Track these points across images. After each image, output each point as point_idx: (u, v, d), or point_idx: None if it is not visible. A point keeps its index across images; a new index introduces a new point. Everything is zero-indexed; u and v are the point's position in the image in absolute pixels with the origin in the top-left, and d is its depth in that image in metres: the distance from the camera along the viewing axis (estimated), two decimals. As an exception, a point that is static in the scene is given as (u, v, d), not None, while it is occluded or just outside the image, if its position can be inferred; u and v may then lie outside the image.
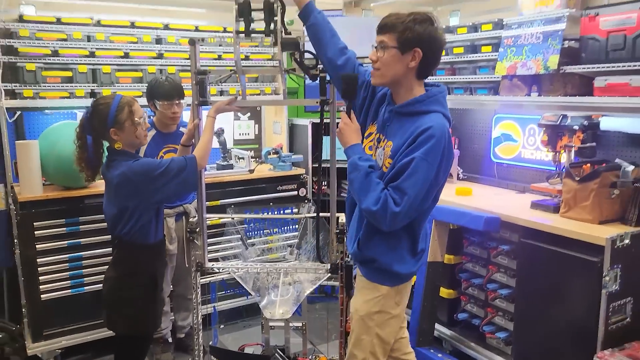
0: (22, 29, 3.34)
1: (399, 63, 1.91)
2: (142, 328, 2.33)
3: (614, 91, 2.69)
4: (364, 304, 2.08)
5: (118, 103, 2.19)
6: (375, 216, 1.88)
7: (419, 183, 1.84)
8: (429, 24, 1.89)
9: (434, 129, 1.85)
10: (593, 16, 2.79)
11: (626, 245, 2.46)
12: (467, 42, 3.46)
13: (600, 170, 2.66)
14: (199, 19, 4.00)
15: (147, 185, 2.15)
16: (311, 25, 2.18)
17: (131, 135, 2.21)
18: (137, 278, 2.27)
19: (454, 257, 3.32)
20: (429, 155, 1.84)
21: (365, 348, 2.09)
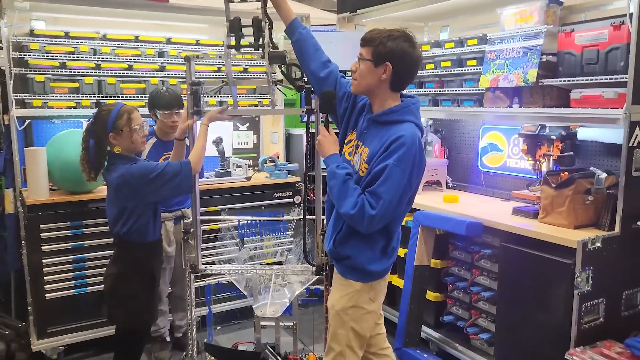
0: (33, 43, 3.54)
1: (372, 75, 2.07)
2: (141, 321, 2.49)
3: (588, 103, 2.83)
4: (339, 300, 2.22)
5: (118, 110, 2.37)
6: (354, 219, 2.03)
7: (393, 188, 2.00)
8: (403, 40, 2.05)
9: (406, 137, 2.02)
10: (569, 32, 2.95)
11: (597, 248, 2.59)
12: (454, 56, 3.62)
13: (575, 177, 2.80)
14: (200, 34, 4.20)
15: (144, 186, 2.31)
16: (296, 40, 2.34)
17: (128, 141, 2.39)
18: (136, 274, 2.44)
19: (440, 262, 3.45)
20: (401, 162, 2.00)
21: (342, 341, 2.22)
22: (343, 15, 4.28)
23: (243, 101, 4.28)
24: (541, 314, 2.74)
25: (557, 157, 3.08)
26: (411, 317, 3.39)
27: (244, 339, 3.37)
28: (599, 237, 2.60)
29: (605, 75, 2.75)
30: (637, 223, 2.65)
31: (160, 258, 2.70)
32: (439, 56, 3.73)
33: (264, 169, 4.15)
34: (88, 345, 3.51)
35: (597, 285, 2.60)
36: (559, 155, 3.07)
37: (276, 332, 3.04)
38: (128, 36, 3.86)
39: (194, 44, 4.10)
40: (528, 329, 2.82)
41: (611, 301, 2.70)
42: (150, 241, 2.47)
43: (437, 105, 3.81)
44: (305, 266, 2.69)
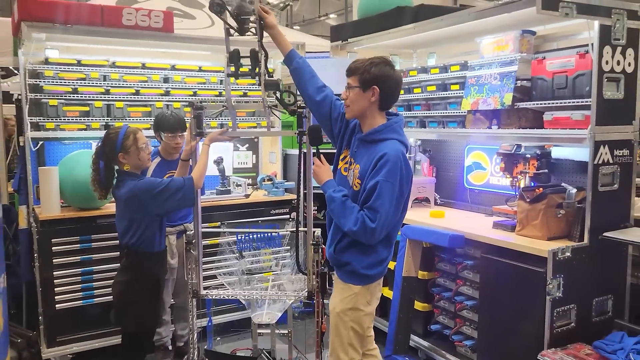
0: (47, 70, 3.82)
1: (362, 99, 2.36)
2: (147, 325, 2.71)
3: (559, 124, 3.08)
4: (340, 302, 2.47)
5: (125, 132, 2.64)
6: (357, 234, 2.30)
7: (387, 200, 2.27)
8: (384, 65, 2.35)
9: (389, 155, 2.28)
10: (541, 59, 3.21)
11: (567, 257, 2.81)
12: (439, 81, 3.89)
13: (547, 192, 3.03)
14: (202, 60, 4.48)
15: (150, 200, 2.56)
16: (294, 69, 2.62)
17: (136, 158, 2.65)
18: (142, 282, 2.66)
19: (427, 273, 3.66)
20: (389, 177, 2.27)
21: (344, 340, 2.47)
22: (336, 43, 4.57)
23: (242, 123, 4.54)
24: (518, 320, 2.95)
25: (533, 174, 3.32)
26: (400, 326, 3.59)
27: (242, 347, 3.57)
28: (569, 247, 2.82)
29: (573, 98, 3.00)
30: (604, 234, 2.87)
31: (165, 268, 2.92)
32: (425, 81, 4.00)
33: (262, 187, 4.40)
34: (95, 353, 3.70)
35: (568, 292, 2.81)
36: (535, 172, 3.31)
37: (272, 338, 3.25)
38: (135, 63, 4.14)
39: (196, 70, 4.38)
40: (506, 334, 3.02)
41: (582, 307, 2.90)
42: (156, 251, 2.70)
43: (425, 126, 4.06)
44: (298, 277, 2.91)
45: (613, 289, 3.03)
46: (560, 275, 2.78)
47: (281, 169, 4.72)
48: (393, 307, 3.61)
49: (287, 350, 3.26)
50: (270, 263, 3.35)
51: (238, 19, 2.50)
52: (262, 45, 2.49)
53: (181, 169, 2.91)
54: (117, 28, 3.78)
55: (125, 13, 3.74)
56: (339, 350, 2.49)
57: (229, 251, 3.80)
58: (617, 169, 2.95)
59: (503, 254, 3.06)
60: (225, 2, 2.43)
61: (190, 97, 4.25)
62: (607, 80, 2.85)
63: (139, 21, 3.80)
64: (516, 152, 3.31)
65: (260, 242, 3.29)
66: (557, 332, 2.81)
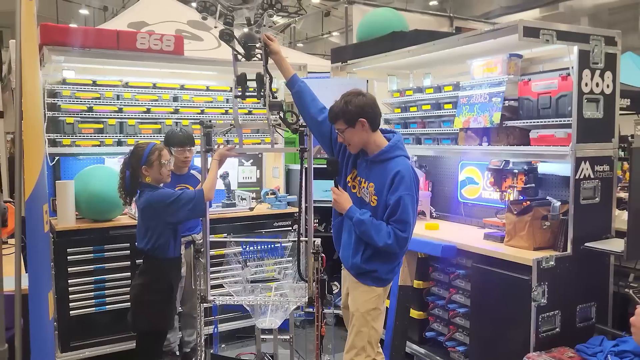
0: (65, 90, 4.07)
1: (357, 134, 2.63)
2: (160, 325, 2.92)
3: (544, 141, 3.30)
4: (364, 303, 2.71)
5: (151, 148, 2.90)
6: (392, 246, 2.58)
7: (411, 210, 2.58)
8: (355, 97, 2.62)
9: (402, 171, 2.58)
10: (527, 81, 3.44)
11: (551, 266, 3.00)
12: (433, 100, 4.11)
13: (533, 205, 3.24)
14: (210, 80, 4.72)
15: (163, 209, 2.79)
16: (296, 92, 2.88)
17: (157, 173, 2.89)
18: (157, 285, 2.88)
19: (422, 283, 3.85)
20: (408, 190, 2.57)
21: (364, 338, 2.72)
22: (336, 64, 4.82)
23: (248, 140, 4.77)
24: (506, 325, 3.13)
25: (521, 188, 3.52)
26: (397, 333, 3.77)
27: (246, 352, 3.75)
28: (553, 257, 3.02)
29: (557, 118, 3.22)
30: (585, 244, 3.06)
31: (178, 274, 3.12)
32: (421, 100, 4.23)
33: (265, 200, 4.61)
34: (106, 358, 3.88)
35: (552, 298, 3.00)
36: (523, 187, 3.52)
37: (274, 343, 3.43)
38: (147, 83, 4.39)
39: (204, 89, 4.62)
40: (496, 339, 3.21)
41: (566, 313, 3.08)
42: (170, 257, 2.92)
43: (420, 143, 4.28)
44: (300, 285, 3.11)
45: (596, 296, 3.22)
46: (544, 283, 2.97)
47: (284, 184, 4.93)
48: (390, 314, 3.78)
49: (289, 355, 3.43)
50: (274, 272, 3.55)
51: (245, 46, 2.74)
52: (267, 70, 2.72)
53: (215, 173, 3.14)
54: (131, 51, 4.03)
55: (139, 37, 4.00)
56: (360, 349, 2.71)
57: (234, 262, 4.00)
58: (598, 184, 3.15)
59: (492, 264, 3.25)
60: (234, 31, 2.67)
61: (198, 115, 4.49)
62: (587, 101, 3.07)
63: (151, 45, 4.06)
64: (504, 167, 3.51)
65: (264, 252, 3.49)
66: (542, 337, 2.99)
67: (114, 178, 3.86)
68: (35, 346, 1.62)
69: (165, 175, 2.95)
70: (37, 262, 1.64)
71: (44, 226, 1.66)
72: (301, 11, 15.78)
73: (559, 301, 3.04)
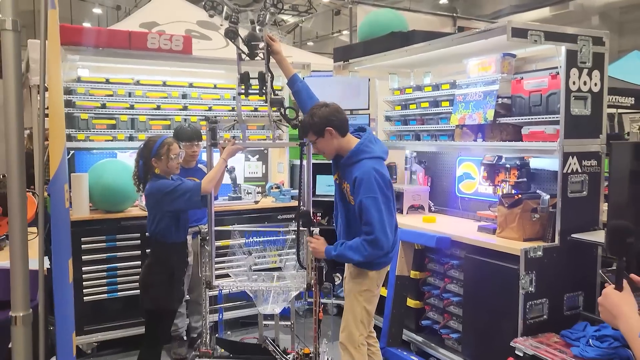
0: (79, 87, 4.28)
1: (327, 142, 2.84)
2: (161, 305, 3.13)
3: (535, 137, 3.44)
4: (356, 285, 2.91)
5: (162, 142, 3.09)
6: (370, 255, 2.74)
7: (374, 211, 2.70)
8: (319, 109, 2.81)
9: (360, 175, 2.75)
10: (519, 79, 3.58)
11: (539, 256, 3.15)
12: (431, 98, 4.26)
13: (523, 198, 3.38)
14: (218, 78, 4.91)
15: (162, 198, 3.02)
16: (295, 91, 3.12)
17: (165, 165, 3.09)
18: (158, 267, 3.12)
19: (419, 273, 4.01)
20: (367, 192, 2.71)
21: (357, 317, 2.90)
22: (338, 63, 4.98)
23: (253, 135, 4.95)
24: (496, 313, 3.28)
25: (514, 182, 3.67)
26: (393, 320, 3.93)
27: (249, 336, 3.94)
28: (540, 247, 3.16)
29: (547, 114, 3.36)
30: (571, 235, 3.20)
31: (181, 258, 3.30)
32: (420, 98, 4.38)
33: (270, 194, 4.79)
34: (118, 343, 4.10)
35: (539, 287, 3.15)
36: (516, 181, 3.66)
37: (276, 329, 3.61)
38: (157, 81, 4.59)
39: (212, 87, 4.81)
40: (486, 326, 3.36)
41: (554, 302, 3.23)
42: (171, 242, 3.13)
43: (419, 139, 4.43)
44: (300, 274, 3.29)
45: (584, 286, 3.36)
46: (532, 272, 3.12)
47: (288, 178, 5.11)
48: (387, 303, 3.95)
49: (290, 340, 3.61)
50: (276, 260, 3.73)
51: (249, 45, 2.92)
52: (269, 68, 2.90)
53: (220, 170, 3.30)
54: (142, 50, 4.23)
55: (150, 37, 4.19)
56: (352, 326, 2.91)
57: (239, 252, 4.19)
58: (586, 178, 3.29)
59: (484, 254, 3.40)
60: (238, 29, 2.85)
61: (206, 112, 4.68)
62: (575, 99, 3.21)
63: (161, 44, 4.25)
64: (497, 162, 3.66)
65: (267, 242, 3.67)
66: (530, 323, 3.14)
67: (126, 171, 4.09)
68: (58, 305, 1.91)
69: (173, 168, 3.14)
70: (60, 232, 1.87)
71: (65, 202, 1.89)
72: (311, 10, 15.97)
73: (546, 290, 3.18)
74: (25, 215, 1.70)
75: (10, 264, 1.68)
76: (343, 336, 2.96)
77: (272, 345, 3.50)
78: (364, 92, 4.74)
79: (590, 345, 2.81)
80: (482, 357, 3.40)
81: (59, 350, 1.88)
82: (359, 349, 2.92)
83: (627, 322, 1.35)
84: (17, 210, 1.69)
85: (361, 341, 2.93)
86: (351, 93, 4.76)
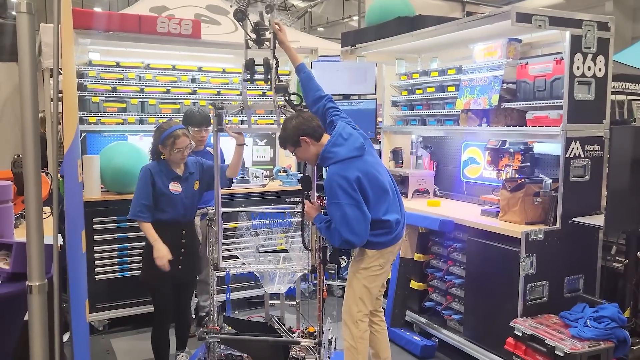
0: (90, 71, 4.36)
1: (305, 150, 2.92)
2: (146, 278, 3.33)
3: (538, 122, 3.47)
4: (356, 263, 3.00)
5: (169, 133, 3.18)
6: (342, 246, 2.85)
7: (338, 217, 2.78)
8: (289, 121, 2.91)
9: (325, 183, 2.86)
10: (524, 65, 3.60)
11: (540, 239, 3.20)
12: (437, 83, 4.29)
13: (525, 182, 3.42)
14: (226, 63, 4.96)
15: None
16: (301, 79, 3.19)
17: (168, 155, 3.22)
18: (146, 243, 3.29)
19: (423, 256, 4.07)
20: (330, 198, 2.82)
21: (355, 294, 2.98)
22: (345, 48, 5.01)
23: (262, 120, 5.02)
24: (497, 294, 3.35)
25: (517, 167, 3.71)
26: (397, 302, 4.02)
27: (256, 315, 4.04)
28: (541, 230, 3.22)
29: (551, 99, 3.39)
30: (573, 219, 3.25)
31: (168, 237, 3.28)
32: (426, 83, 4.41)
33: (277, 177, 4.87)
34: (128, 320, 4.22)
35: (540, 269, 3.20)
36: (520, 165, 3.70)
37: (282, 308, 3.70)
38: (167, 65, 4.66)
39: (220, 71, 4.87)
40: (487, 308, 3.43)
41: (554, 284, 3.29)
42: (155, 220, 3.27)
43: (425, 124, 4.47)
44: (305, 254, 3.37)
45: (584, 269, 3.41)
46: (532, 254, 3.18)
47: (295, 162, 5.17)
48: (391, 285, 4.03)
49: (295, 319, 3.71)
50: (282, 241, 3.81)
51: (256, 32, 2.97)
52: (274, 55, 2.96)
53: (237, 153, 3.40)
54: (152, 35, 4.30)
55: (159, 22, 4.25)
56: (351, 301, 2.99)
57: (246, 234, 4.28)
58: (589, 163, 3.33)
59: (486, 237, 3.46)
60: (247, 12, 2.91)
61: (215, 96, 4.75)
62: (579, 84, 3.23)
63: (171, 29, 4.31)
64: (501, 147, 3.70)
65: (274, 225, 3.75)
66: (530, 305, 3.20)
67: (137, 154, 4.19)
68: (72, 273, 2.05)
69: (177, 160, 3.25)
70: (73, 204, 1.98)
71: (78, 177, 1.98)
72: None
73: (547, 272, 3.24)
74: (41, 189, 1.78)
75: (26, 236, 1.77)
76: (343, 310, 3.05)
77: (278, 324, 3.60)
78: (370, 77, 4.78)
79: (588, 325, 2.87)
80: (483, 337, 3.48)
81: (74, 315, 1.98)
82: (357, 324, 2.99)
83: None
84: (32, 184, 1.76)
85: (360, 317, 2.99)
86: (358, 78, 4.80)
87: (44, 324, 1.85)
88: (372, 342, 3.15)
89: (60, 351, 2.22)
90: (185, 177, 3.35)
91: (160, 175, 3.27)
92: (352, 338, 2.98)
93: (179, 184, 3.32)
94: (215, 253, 3.35)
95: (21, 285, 1.96)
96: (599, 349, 2.78)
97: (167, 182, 3.27)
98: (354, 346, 2.97)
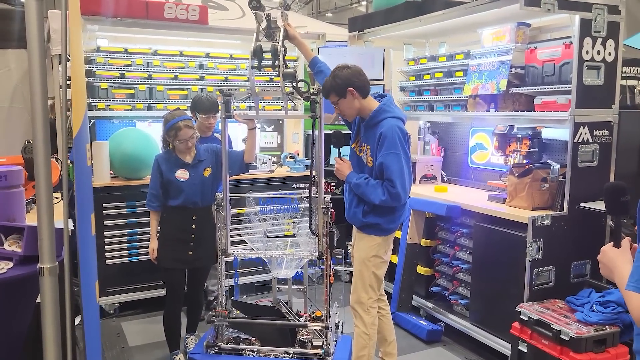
0: (99, 57, 4.37)
1: (349, 103, 2.89)
2: (158, 259, 3.40)
3: (547, 107, 3.45)
4: (365, 250, 3.00)
5: (173, 124, 3.23)
6: (386, 202, 2.83)
7: (396, 168, 2.78)
8: (340, 70, 2.86)
9: (385, 131, 2.79)
10: (533, 49, 3.57)
11: (547, 224, 3.20)
12: (445, 69, 4.27)
13: (533, 168, 3.42)
14: (234, 49, 4.96)
15: None
16: (317, 72, 3.23)
17: (173, 145, 3.27)
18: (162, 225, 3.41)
19: (429, 241, 4.09)
20: (390, 148, 2.78)
21: (365, 282, 3.01)
22: (353, 33, 4.99)
23: (269, 106, 5.03)
24: (503, 279, 3.36)
25: (525, 152, 3.69)
26: (403, 287, 4.04)
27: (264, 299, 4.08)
28: (548, 215, 3.21)
29: (560, 84, 3.37)
30: (581, 204, 3.24)
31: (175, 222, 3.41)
32: (434, 68, 4.39)
33: (285, 163, 4.88)
34: (139, 304, 4.29)
35: (547, 254, 3.21)
36: (527, 151, 3.68)
37: (289, 292, 3.74)
38: (174, 52, 4.66)
39: (228, 57, 4.87)
40: (493, 292, 3.44)
41: (561, 269, 3.29)
42: (170, 205, 3.36)
43: (433, 109, 4.46)
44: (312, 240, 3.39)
45: (591, 254, 3.39)
46: (539, 239, 3.18)
47: (303, 148, 5.19)
48: (398, 270, 4.06)
49: (302, 303, 3.75)
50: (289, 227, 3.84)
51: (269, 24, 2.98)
52: (282, 43, 2.95)
53: (250, 138, 3.45)
54: (159, 20, 4.30)
55: (167, 7, 4.25)
56: (361, 290, 3.02)
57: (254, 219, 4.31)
58: (597, 148, 3.31)
59: (493, 222, 3.47)
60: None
61: (222, 82, 4.76)
62: (588, 68, 3.20)
63: (178, 14, 4.31)
64: (509, 132, 3.68)
65: (281, 210, 3.77)
66: (536, 289, 3.21)
67: (145, 140, 4.22)
68: (83, 254, 2.10)
69: (181, 150, 3.31)
70: (83, 188, 2.01)
71: (87, 160, 2.01)
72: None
73: (553, 257, 3.24)
74: (50, 174, 1.81)
75: (37, 220, 1.80)
76: (353, 300, 3.07)
77: (285, 308, 3.63)
78: (378, 62, 4.76)
79: (594, 310, 2.87)
80: (489, 322, 3.50)
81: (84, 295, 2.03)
82: (369, 311, 3.03)
83: (620, 274, 1.42)
84: (43, 169, 1.79)
85: (370, 304, 3.04)
86: (366, 63, 4.76)
87: (56, 306, 1.90)
88: (378, 327, 3.18)
89: (71, 333, 2.27)
90: (194, 165, 3.38)
91: (167, 163, 3.35)
92: (364, 325, 3.02)
93: (187, 170, 3.35)
94: (224, 239, 3.39)
95: (33, 267, 2.00)
96: (605, 334, 2.79)
97: (175, 169, 3.34)
98: (367, 332, 3.02)
